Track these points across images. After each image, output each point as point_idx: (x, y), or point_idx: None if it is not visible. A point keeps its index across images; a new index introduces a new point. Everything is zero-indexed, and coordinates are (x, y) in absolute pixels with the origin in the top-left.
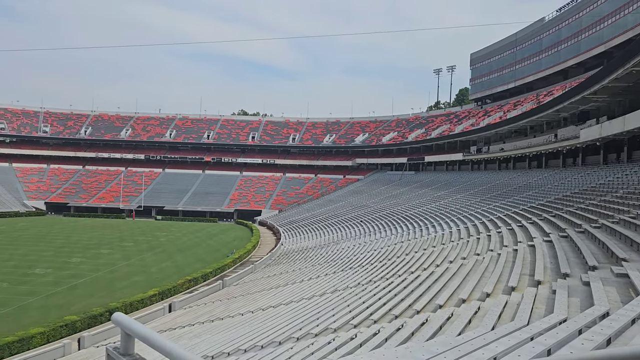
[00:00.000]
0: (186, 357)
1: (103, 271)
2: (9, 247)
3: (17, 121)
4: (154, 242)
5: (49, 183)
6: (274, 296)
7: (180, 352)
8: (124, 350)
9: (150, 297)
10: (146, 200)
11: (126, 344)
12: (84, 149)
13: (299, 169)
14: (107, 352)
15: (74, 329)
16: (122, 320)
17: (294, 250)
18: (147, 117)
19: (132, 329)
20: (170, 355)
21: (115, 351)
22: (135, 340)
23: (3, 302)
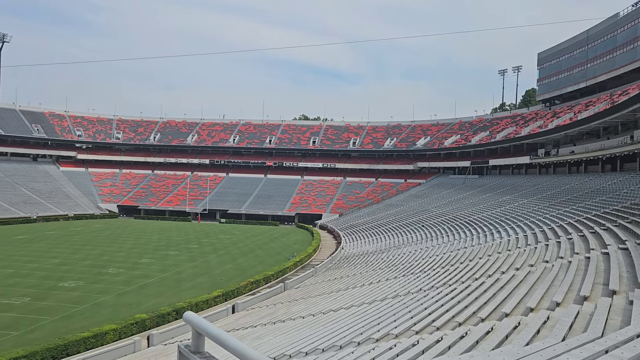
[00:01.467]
0: (256, 357)
1: (170, 272)
2: (85, 247)
3: (93, 128)
4: (218, 245)
5: (121, 187)
6: (335, 300)
7: (251, 352)
8: (194, 348)
9: (215, 298)
10: (211, 204)
11: (197, 342)
12: (153, 154)
13: (359, 173)
14: (179, 349)
15: (144, 327)
16: (193, 320)
17: (355, 254)
18: (211, 123)
19: (202, 328)
20: (241, 355)
21: (187, 349)
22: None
23: (79, 299)
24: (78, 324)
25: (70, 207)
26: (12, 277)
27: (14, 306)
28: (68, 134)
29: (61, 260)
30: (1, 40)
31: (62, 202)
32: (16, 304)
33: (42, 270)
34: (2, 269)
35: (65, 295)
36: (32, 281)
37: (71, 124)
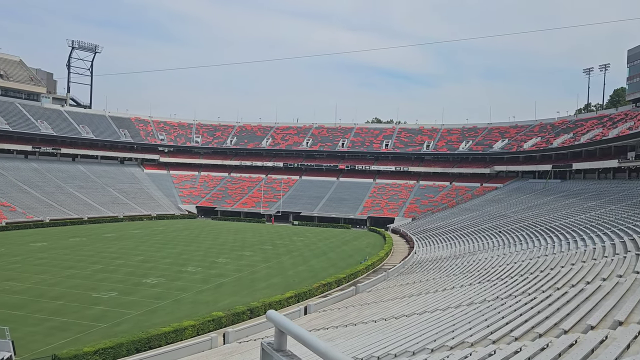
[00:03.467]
0: (339, 358)
1: (245, 272)
2: (166, 246)
3: (174, 133)
4: (291, 246)
5: (199, 189)
6: (407, 305)
7: (334, 352)
8: (277, 346)
9: (288, 299)
10: (284, 206)
11: (279, 340)
12: (230, 157)
13: (433, 176)
14: (262, 346)
15: (220, 324)
16: (276, 318)
17: (428, 259)
18: (285, 127)
19: (285, 326)
20: (323, 354)
21: (270, 346)
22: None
23: (160, 295)
24: (159, 319)
25: (153, 208)
26: (101, 272)
27: (103, 300)
28: (152, 138)
29: (145, 257)
30: (93, 51)
31: (146, 203)
32: (104, 298)
33: (128, 267)
34: (92, 264)
35: (148, 291)
36: (118, 277)
37: (155, 129)
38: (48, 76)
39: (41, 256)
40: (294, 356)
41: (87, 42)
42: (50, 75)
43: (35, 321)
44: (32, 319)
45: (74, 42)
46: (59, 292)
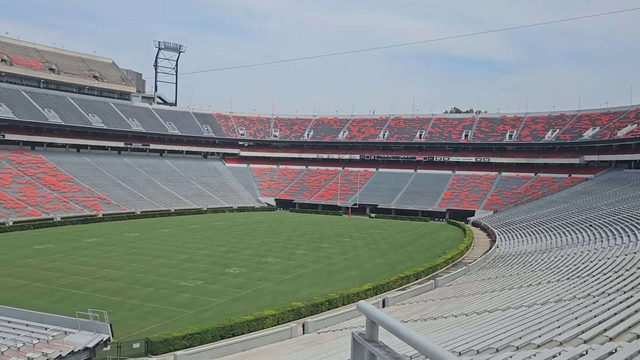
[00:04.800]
0: (432, 349)
1: (323, 263)
2: (247, 237)
3: (253, 127)
4: (369, 239)
5: (278, 182)
6: (489, 300)
7: (427, 343)
8: (369, 337)
9: (365, 291)
10: (361, 199)
11: (371, 331)
12: (307, 150)
13: (516, 167)
14: (353, 337)
15: (299, 315)
16: (367, 309)
17: (511, 253)
18: (362, 119)
19: (377, 317)
20: (417, 345)
21: (361, 336)
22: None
23: (242, 285)
24: (241, 308)
25: (235, 200)
26: (187, 262)
27: (189, 288)
28: (232, 133)
29: (227, 248)
30: (178, 51)
31: (228, 196)
32: (190, 286)
33: (212, 257)
34: (179, 254)
35: (231, 281)
36: (203, 266)
37: (235, 124)
38: (137, 76)
39: (133, 246)
40: (385, 347)
41: (172, 42)
42: (140, 75)
43: (130, 306)
44: (127, 305)
45: (160, 43)
46: (150, 280)
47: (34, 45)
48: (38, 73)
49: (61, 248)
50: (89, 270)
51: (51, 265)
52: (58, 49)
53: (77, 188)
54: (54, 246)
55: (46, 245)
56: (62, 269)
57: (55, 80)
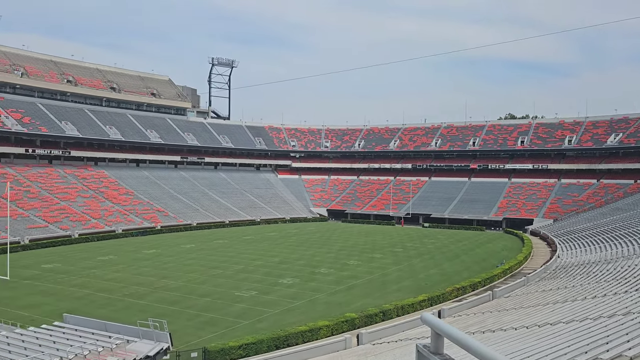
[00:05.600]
0: None
1: (376, 274)
2: (300, 247)
3: (305, 139)
4: (422, 249)
5: (329, 192)
6: (551, 312)
7: (499, 357)
8: (434, 349)
9: (420, 302)
10: (413, 208)
11: (436, 344)
12: (358, 160)
13: (576, 173)
14: (418, 349)
15: (353, 326)
16: (432, 321)
17: (573, 264)
18: (413, 128)
19: (443, 329)
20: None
21: (426, 349)
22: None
23: (296, 295)
24: (295, 318)
25: (287, 211)
26: (242, 272)
27: (244, 298)
28: (284, 145)
29: (280, 259)
30: (230, 66)
31: (280, 207)
32: (245, 297)
33: (266, 268)
34: (234, 264)
35: (285, 291)
36: (257, 277)
37: (286, 136)
38: (192, 92)
39: (190, 257)
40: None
41: (225, 58)
42: (194, 90)
43: (188, 316)
44: (185, 314)
45: (214, 59)
46: (206, 290)
47: (97, 66)
48: (100, 92)
49: (123, 259)
50: (148, 280)
51: (113, 276)
52: (118, 69)
53: (136, 201)
54: (116, 257)
55: (109, 257)
56: (124, 279)
57: (116, 99)
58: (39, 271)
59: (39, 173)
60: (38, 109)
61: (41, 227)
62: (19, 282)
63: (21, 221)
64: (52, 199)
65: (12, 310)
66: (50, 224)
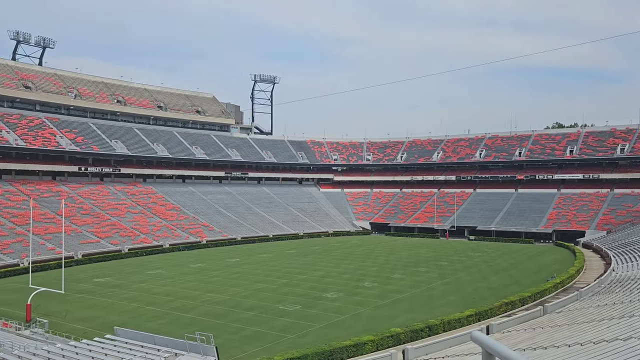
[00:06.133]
0: None
1: (421, 288)
2: (343, 261)
3: (346, 152)
4: (468, 262)
5: (372, 205)
6: (607, 329)
7: None
8: None
9: (467, 317)
10: (458, 221)
11: None
12: (401, 173)
13: (630, 183)
14: None
15: (398, 341)
16: (483, 339)
17: (629, 277)
18: (456, 139)
19: (494, 348)
20: None
21: None
22: None
23: (340, 309)
24: (340, 333)
25: (330, 225)
26: (286, 286)
27: (288, 312)
28: (326, 159)
29: (324, 273)
30: (272, 82)
31: (323, 220)
32: (290, 311)
33: (309, 282)
34: (278, 278)
35: (329, 305)
36: (301, 291)
37: (328, 150)
38: (236, 109)
39: (235, 271)
40: None
41: (267, 74)
42: (238, 107)
43: (233, 329)
44: (230, 328)
45: (256, 76)
46: (251, 304)
47: (144, 86)
48: (148, 111)
49: (170, 273)
50: (194, 294)
51: (161, 290)
52: (165, 88)
53: (183, 216)
54: (163, 271)
55: (157, 271)
56: (171, 292)
57: (163, 117)
58: (91, 285)
59: (91, 190)
60: (90, 128)
61: (93, 242)
62: (72, 295)
63: (75, 237)
64: (104, 215)
65: (66, 323)
66: (101, 239)
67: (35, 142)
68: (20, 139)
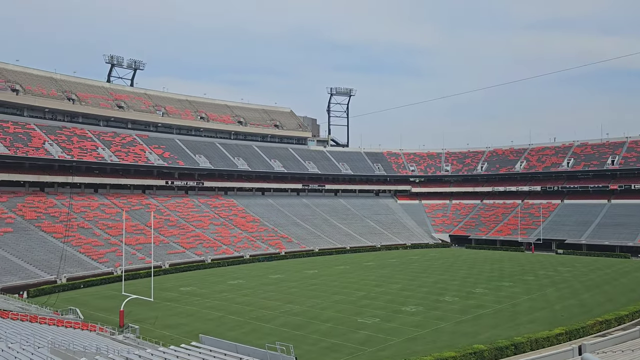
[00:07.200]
0: None
1: (505, 303)
2: (422, 274)
3: (424, 163)
4: (557, 277)
5: (451, 217)
6: None
7: None
8: None
9: (557, 336)
10: (545, 233)
11: None
12: (481, 184)
13: None
14: None
15: (482, 358)
16: None
17: None
18: (541, 148)
19: None
20: None
21: None
22: None
23: (419, 324)
24: (419, 347)
25: (407, 237)
26: (364, 298)
27: (367, 325)
28: (403, 170)
29: (402, 286)
30: (348, 95)
31: (400, 232)
32: (368, 323)
33: (387, 294)
34: (355, 291)
35: (408, 319)
36: (379, 303)
37: (405, 161)
38: (312, 122)
39: (313, 282)
40: None
41: (343, 87)
42: (314, 120)
43: (312, 341)
44: (308, 339)
45: (332, 89)
46: (329, 315)
47: (225, 102)
48: (229, 126)
49: (250, 284)
50: (274, 304)
51: (242, 300)
52: (245, 104)
53: (262, 228)
54: (244, 282)
55: (238, 281)
56: (252, 302)
57: (242, 132)
58: (177, 294)
59: (177, 203)
60: (176, 144)
61: (179, 252)
62: (161, 303)
63: (162, 247)
64: (188, 226)
65: (156, 330)
66: (186, 250)
67: (127, 158)
68: (114, 155)
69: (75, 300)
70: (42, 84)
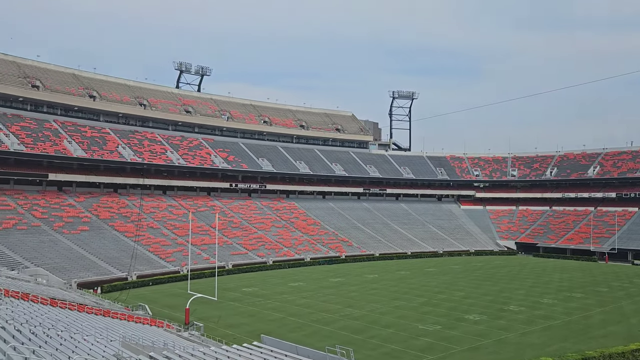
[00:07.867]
0: None
1: (576, 315)
2: (486, 282)
3: (489, 167)
4: (632, 290)
5: (518, 224)
6: None
7: None
8: None
9: (633, 352)
10: (620, 242)
11: None
12: (550, 189)
13: None
14: None
15: None
16: None
17: None
18: (616, 152)
19: None
20: None
21: None
22: None
23: (483, 333)
24: (483, 357)
25: (471, 244)
26: (425, 305)
27: (428, 332)
28: (467, 175)
29: (465, 293)
30: (410, 98)
31: (464, 239)
32: (429, 330)
33: (450, 302)
34: (416, 297)
35: (470, 328)
36: (441, 311)
37: (469, 165)
38: (374, 126)
39: (373, 287)
40: None
41: (405, 90)
42: (376, 124)
43: (371, 346)
44: (368, 344)
45: (394, 93)
46: (389, 321)
47: (288, 107)
48: (291, 130)
49: (310, 286)
50: (334, 308)
51: (303, 302)
52: (306, 108)
53: (323, 231)
54: (304, 284)
55: (298, 283)
56: (312, 305)
57: (304, 135)
58: (240, 294)
59: (240, 205)
60: (240, 148)
61: (242, 253)
62: (224, 302)
63: (226, 248)
64: (251, 228)
65: (219, 328)
66: (249, 251)
67: (194, 161)
68: (181, 159)
69: (145, 297)
70: (117, 90)
